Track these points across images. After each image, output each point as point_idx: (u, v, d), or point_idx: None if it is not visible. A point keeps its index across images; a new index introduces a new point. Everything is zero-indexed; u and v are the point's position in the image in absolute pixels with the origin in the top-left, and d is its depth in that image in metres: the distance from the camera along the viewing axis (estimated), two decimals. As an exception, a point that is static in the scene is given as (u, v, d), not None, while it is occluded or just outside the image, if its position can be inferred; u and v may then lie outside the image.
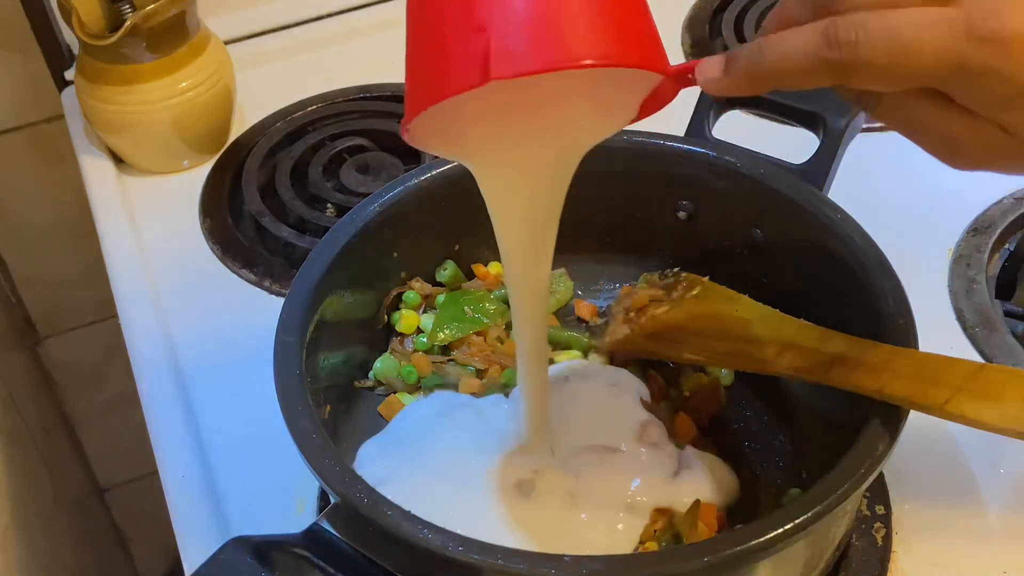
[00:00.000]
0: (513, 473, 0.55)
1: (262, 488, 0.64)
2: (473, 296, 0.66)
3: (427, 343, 0.65)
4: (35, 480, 1.05)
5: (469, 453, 0.57)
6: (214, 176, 0.88)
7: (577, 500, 0.55)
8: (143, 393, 0.71)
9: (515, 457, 0.56)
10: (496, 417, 0.59)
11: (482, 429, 0.59)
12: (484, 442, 0.57)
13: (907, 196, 0.81)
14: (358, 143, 0.89)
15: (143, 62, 0.83)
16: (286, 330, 0.55)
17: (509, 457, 0.56)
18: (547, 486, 0.55)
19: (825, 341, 0.54)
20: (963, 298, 0.72)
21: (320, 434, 0.49)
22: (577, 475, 0.56)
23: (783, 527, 0.44)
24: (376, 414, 0.64)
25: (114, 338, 0.80)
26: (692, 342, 0.61)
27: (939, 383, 0.47)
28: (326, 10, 1.04)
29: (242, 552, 0.44)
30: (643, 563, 0.47)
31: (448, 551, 0.44)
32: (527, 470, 0.55)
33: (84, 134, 0.93)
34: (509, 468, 0.56)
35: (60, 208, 1.08)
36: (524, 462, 0.56)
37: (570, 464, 0.57)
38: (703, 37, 0.99)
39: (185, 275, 0.80)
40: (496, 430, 0.58)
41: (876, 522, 0.59)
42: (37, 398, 1.16)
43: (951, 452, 0.63)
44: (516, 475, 0.55)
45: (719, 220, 0.65)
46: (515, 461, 0.56)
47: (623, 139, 0.65)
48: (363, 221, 0.61)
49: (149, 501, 0.88)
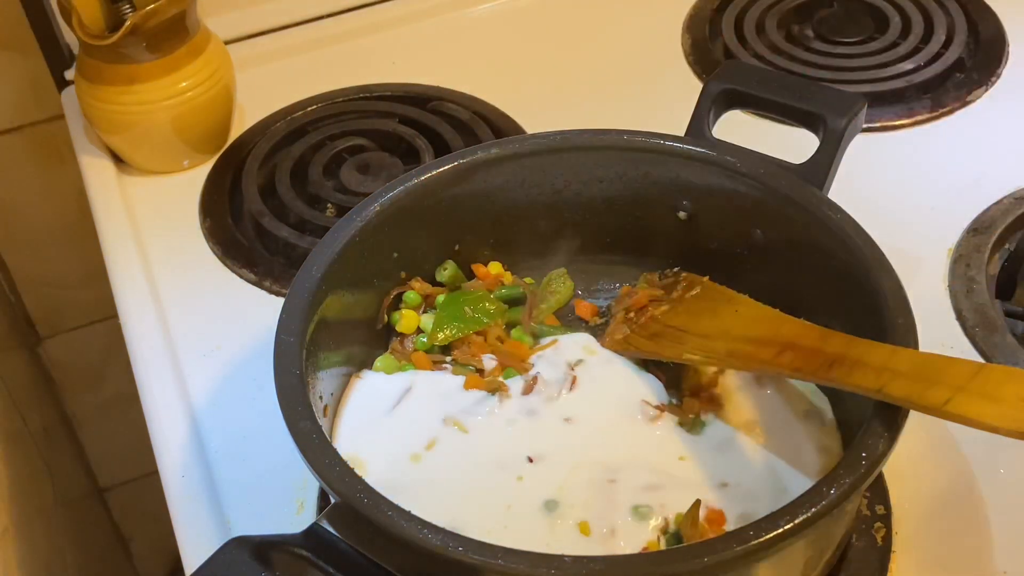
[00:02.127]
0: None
1: (262, 488, 0.64)
2: (473, 296, 0.66)
3: (427, 343, 0.65)
4: (35, 480, 1.05)
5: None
6: (214, 176, 0.88)
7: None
8: (143, 393, 0.71)
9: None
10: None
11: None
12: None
13: (907, 196, 0.81)
14: (358, 143, 0.89)
15: (143, 62, 0.82)
16: (286, 330, 0.55)
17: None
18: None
19: (825, 341, 0.54)
20: (963, 298, 0.72)
21: (320, 434, 0.49)
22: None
23: (783, 527, 0.44)
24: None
25: (114, 338, 0.80)
26: (692, 342, 0.61)
27: (939, 383, 0.47)
28: (326, 10, 1.04)
29: (242, 552, 0.44)
30: (643, 563, 0.47)
31: (448, 551, 0.44)
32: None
33: (84, 134, 0.93)
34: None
35: (60, 208, 1.08)
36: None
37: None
38: (703, 37, 0.99)
39: (185, 275, 0.80)
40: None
41: (876, 522, 0.59)
42: (37, 398, 1.16)
43: (951, 452, 0.63)
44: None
45: (719, 220, 0.65)
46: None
47: (623, 139, 0.65)
48: (363, 221, 0.61)
49: (149, 501, 0.88)
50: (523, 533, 0.53)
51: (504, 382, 0.61)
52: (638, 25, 1.02)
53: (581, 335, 0.65)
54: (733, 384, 0.61)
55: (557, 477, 0.56)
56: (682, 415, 0.59)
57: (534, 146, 0.66)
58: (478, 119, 0.91)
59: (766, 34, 0.98)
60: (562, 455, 0.57)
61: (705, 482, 0.56)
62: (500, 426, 0.59)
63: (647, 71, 0.97)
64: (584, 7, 1.05)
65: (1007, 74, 0.92)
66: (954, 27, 0.97)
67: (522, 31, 1.03)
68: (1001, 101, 0.90)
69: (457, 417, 0.59)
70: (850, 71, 0.92)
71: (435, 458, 0.58)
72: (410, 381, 0.62)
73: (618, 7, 1.05)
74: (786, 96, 0.63)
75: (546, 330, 0.66)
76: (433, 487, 0.56)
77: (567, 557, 0.44)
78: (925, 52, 0.94)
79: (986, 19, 0.98)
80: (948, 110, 0.89)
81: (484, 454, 0.58)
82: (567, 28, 1.03)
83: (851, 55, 0.95)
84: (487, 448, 0.58)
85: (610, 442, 0.58)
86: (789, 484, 0.55)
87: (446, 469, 0.57)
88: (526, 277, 0.70)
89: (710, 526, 0.53)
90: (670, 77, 0.96)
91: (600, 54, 0.99)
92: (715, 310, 0.61)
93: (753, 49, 0.96)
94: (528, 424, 0.59)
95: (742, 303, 0.61)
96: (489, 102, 0.93)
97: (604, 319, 0.68)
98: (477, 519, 0.53)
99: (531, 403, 0.60)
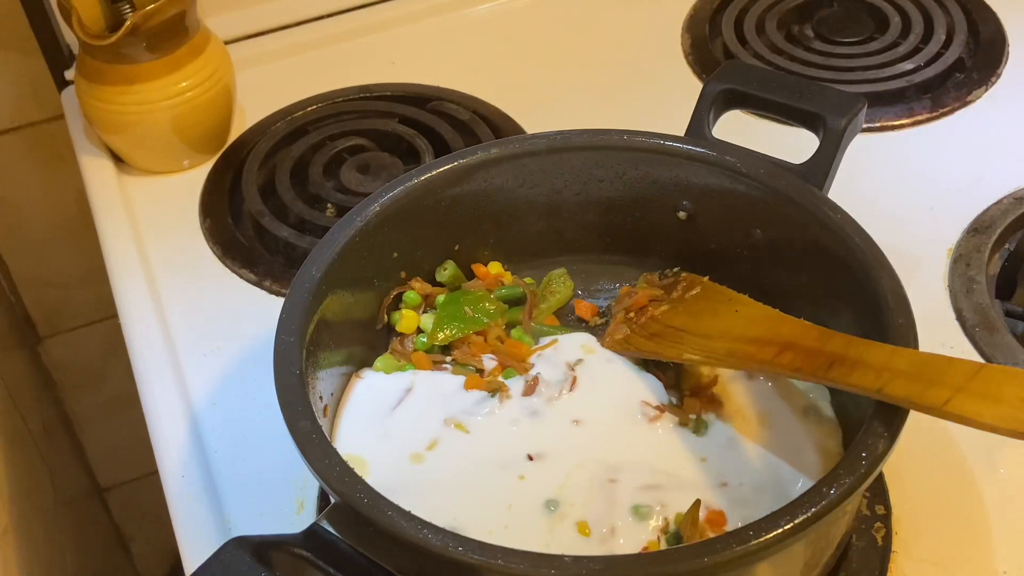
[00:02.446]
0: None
1: (262, 488, 0.64)
2: (473, 296, 0.66)
3: (427, 343, 0.65)
4: (35, 480, 1.05)
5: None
6: (214, 176, 0.88)
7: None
8: (143, 393, 0.71)
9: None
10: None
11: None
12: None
13: (907, 196, 0.81)
14: (358, 143, 0.89)
15: (143, 62, 0.82)
16: (286, 330, 0.55)
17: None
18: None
19: (825, 341, 0.54)
20: (963, 298, 0.72)
21: (320, 434, 0.49)
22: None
23: (783, 527, 0.44)
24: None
25: (114, 338, 0.80)
26: (692, 342, 0.61)
27: (939, 383, 0.47)
28: (326, 10, 1.04)
29: (242, 552, 0.44)
30: (643, 563, 0.47)
31: (448, 551, 0.44)
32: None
33: (84, 134, 0.93)
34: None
35: (60, 208, 1.08)
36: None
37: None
38: (703, 37, 0.99)
39: (185, 275, 0.80)
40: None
41: (876, 522, 0.59)
42: (37, 398, 1.16)
43: (951, 452, 0.63)
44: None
45: (719, 220, 0.65)
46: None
47: (623, 139, 0.65)
48: (363, 221, 0.61)
49: (149, 501, 0.88)
50: (524, 532, 0.53)
51: (504, 382, 0.61)
52: (638, 25, 1.02)
53: (580, 335, 0.65)
54: (733, 384, 0.61)
55: (558, 477, 0.56)
56: (682, 415, 0.59)
57: (534, 146, 0.66)
58: (478, 119, 0.91)
59: (766, 34, 0.98)
60: (563, 455, 0.57)
61: (706, 482, 0.56)
62: (501, 426, 0.59)
63: (647, 71, 0.97)
64: (584, 7, 1.05)
65: (1007, 74, 0.92)
66: (954, 27, 0.97)
67: (522, 31, 1.03)
68: (1001, 101, 0.90)
69: (458, 418, 0.59)
70: (850, 71, 0.92)
71: (436, 458, 0.58)
72: (410, 381, 0.62)
73: (618, 7, 1.05)
74: (786, 96, 0.63)
75: (545, 330, 0.66)
76: (435, 487, 0.56)
77: (567, 557, 0.44)
78: (925, 52, 0.94)
79: (986, 19, 0.98)
80: (948, 110, 0.89)
81: (485, 454, 0.58)
82: (567, 28, 1.03)
83: (851, 55, 0.95)
84: (488, 448, 0.58)
85: (611, 442, 0.58)
86: (790, 484, 0.55)
87: (448, 469, 0.57)
88: (526, 277, 0.70)
89: (710, 526, 0.53)
90: (670, 77, 0.96)
91: (600, 54, 0.99)
92: (715, 310, 0.61)
93: (753, 49, 0.96)
94: (529, 424, 0.59)
95: (742, 303, 0.61)
96: (489, 102, 0.93)
97: (604, 319, 0.68)
98: (478, 518, 0.53)
99: (532, 404, 0.60)
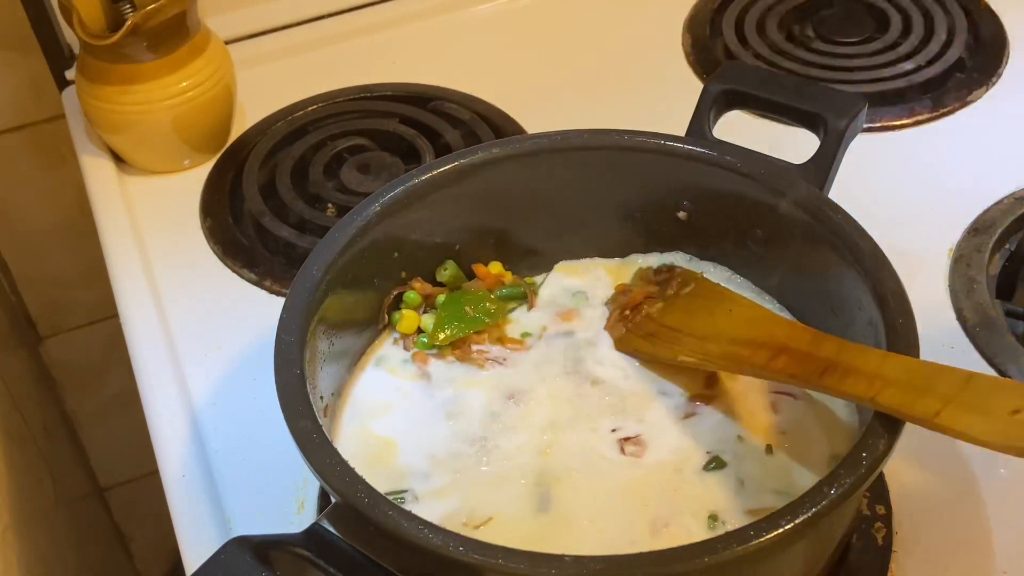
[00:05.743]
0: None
1: (262, 488, 0.64)
2: (473, 296, 0.66)
3: (427, 343, 0.65)
4: (35, 480, 1.05)
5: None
6: (214, 176, 0.88)
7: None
8: (143, 393, 0.71)
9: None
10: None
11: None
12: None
13: (907, 196, 0.81)
14: (358, 143, 0.89)
15: (143, 62, 0.83)
16: (287, 330, 0.55)
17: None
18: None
19: (817, 345, 0.54)
20: (963, 298, 0.72)
21: (320, 434, 0.49)
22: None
23: (783, 527, 0.44)
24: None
25: (114, 338, 0.80)
26: (688, 343, 0.61)
27: (929, 392, 0.47)
28: (326, 10, 1.04)
29: (242, 552, 0.44)
30: (643, 563, 0.47)
31: (448, 551, 0.44)
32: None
33: (84, 134, 0.93)
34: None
35: (60, 208, 1.08)
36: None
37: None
38: (703, 37, 0.99)
39: (185, 275, 0.80)
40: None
41: (876, 522, 0.59)
42: (37, 398, 1.16)
43: (951, 452, 0.63)
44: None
45: (719, 220, 0.65)
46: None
47: (623, 139, 0.65)
48: (363, 221, 0.61)
49: (149, 501, 0.88)
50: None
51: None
52: (638, 25, 1.02)
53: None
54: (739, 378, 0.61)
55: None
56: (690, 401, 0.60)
57: (534, 146, 0.66)
58: (478, 119, 0.91)
59: (767, 34, 0.98)
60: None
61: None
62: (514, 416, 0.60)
63: (647, 71, 0.97)
64: (584, 7, 1.05)
65: (1007, 74, 0.92)
66: (955, 27, 0.97)
67: (522, 31, 1.03)
68: (1001, 101, 0.90)
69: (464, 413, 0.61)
70: (851, 71, 0.92)
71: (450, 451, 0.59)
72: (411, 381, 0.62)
73: (618, 7, 1.05)
74: (787, 96, 0.63)
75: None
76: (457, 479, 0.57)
77: (567, 557, 0.44)
78: (926, 52, 0.94)
79: (986, 19, 0.98)
80: (949, 110, 0.89)
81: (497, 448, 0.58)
82: (567, 28, 1.03)
83: (851, 55, 0.95)
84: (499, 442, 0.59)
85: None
86: (798, 479, 0.55)
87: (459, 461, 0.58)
88: (527, 277, 0.70)
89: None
90: (670, 77, 0.96)
91: (600, 54, 0.99)
92: (710, 309, 0.61)
93: (754, 49, 0.96)
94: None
95: (736, 303, 0.61)
96: (489, 102, 0.93)
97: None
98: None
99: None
